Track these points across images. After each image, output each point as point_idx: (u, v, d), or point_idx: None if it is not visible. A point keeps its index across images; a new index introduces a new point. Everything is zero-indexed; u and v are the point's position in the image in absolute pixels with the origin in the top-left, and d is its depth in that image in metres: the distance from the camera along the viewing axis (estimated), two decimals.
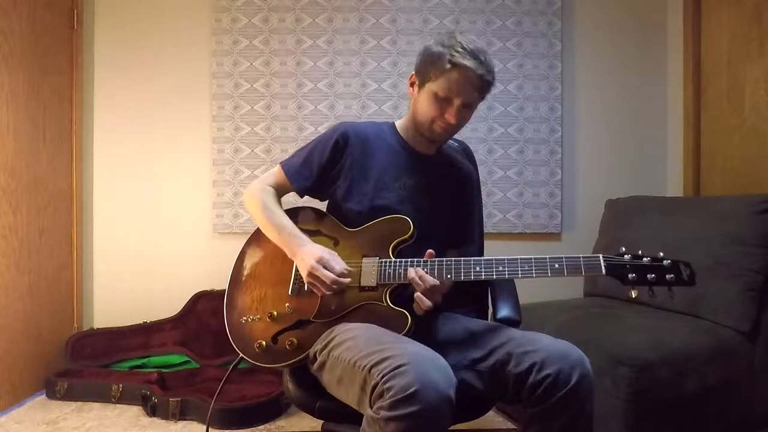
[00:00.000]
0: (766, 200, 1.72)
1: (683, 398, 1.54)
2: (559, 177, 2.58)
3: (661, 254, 1.07)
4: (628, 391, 1.49)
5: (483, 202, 1.74)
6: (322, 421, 1.35)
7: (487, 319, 1.42)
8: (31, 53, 2.24)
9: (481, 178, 1.76)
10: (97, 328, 2.47)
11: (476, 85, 1.22)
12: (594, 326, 1.76)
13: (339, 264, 1.22)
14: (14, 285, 2.14)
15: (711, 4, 2.34)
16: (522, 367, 1.08)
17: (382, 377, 0.95)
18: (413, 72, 1.31)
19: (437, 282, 1.14)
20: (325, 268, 1.20)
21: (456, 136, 1.44)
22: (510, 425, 1.97)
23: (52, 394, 2.20)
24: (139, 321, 2.46)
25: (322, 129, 2.51)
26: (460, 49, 1.20)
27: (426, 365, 0.96)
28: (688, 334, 1.64)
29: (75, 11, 2.49)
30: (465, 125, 1.35)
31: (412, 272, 1.16)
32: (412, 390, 0.91)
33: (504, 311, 1.30)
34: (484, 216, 1.69)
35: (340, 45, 2.54)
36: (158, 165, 2.56)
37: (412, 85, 1.33)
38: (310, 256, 1.21)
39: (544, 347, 1.09)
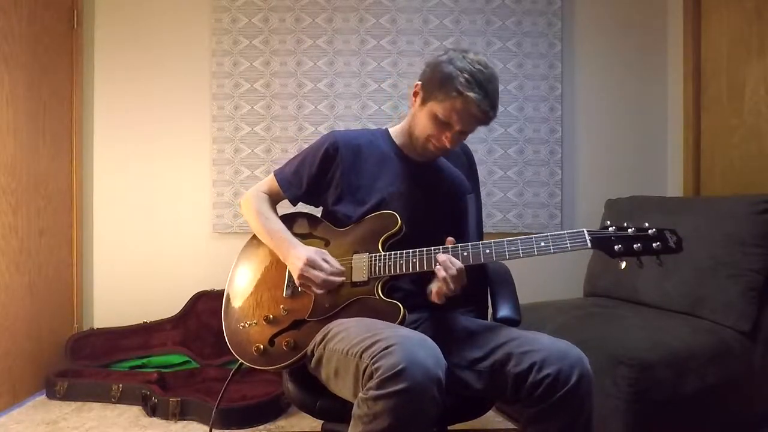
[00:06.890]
0: (766, 200, 1.72)
1: (683, 398, 1.54)
2: (559, 177, 2.58)
3: (647, 224, 1.08)
4: (628, 391, 1.49)
5: (483, 202, 1.74)
6: (322, 421, 1.35)
7: (486, 319, 1.42)
8: (31, 53, 2.24)
9: (481, 178, 1.76)
10: (97, 328, 2.47)
11: (478, 117, 1.21)
12: (594, 326, 1.77)
13: (330, 262, 1.24)
14: (14, 285, 2.14)
15: (711, 4, 2.34)
16: (522, 367, 1.08)
17: (372, 359, 0.97)
18: (419, 81, 1.28)
19: (462, 266, 1.14)
20: (314, 268, 1.21)
21: None
22: (510, 425, 1.97)
23: (52, 394, 2.20)
24: (139, 321, 2.45)
25: (323, 129, 2.52)
26: (469, 78, 1.17)
27: (414, 346, 0.97)
28: (688, 334, 1.64)
29: (75, 11, 2.49)
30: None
31: (442, 256, 1.15)
32: (399, 368, 0.92)
33: (504, 311, 1.30)
34: (483, 216, 1.69)
35: (340, 45, 2.54)
36: (158, 165, 2.56)
37: (415, 95, 1.29)
38: (299, 258, 1.23)
39: (543, 347, 1.10)
